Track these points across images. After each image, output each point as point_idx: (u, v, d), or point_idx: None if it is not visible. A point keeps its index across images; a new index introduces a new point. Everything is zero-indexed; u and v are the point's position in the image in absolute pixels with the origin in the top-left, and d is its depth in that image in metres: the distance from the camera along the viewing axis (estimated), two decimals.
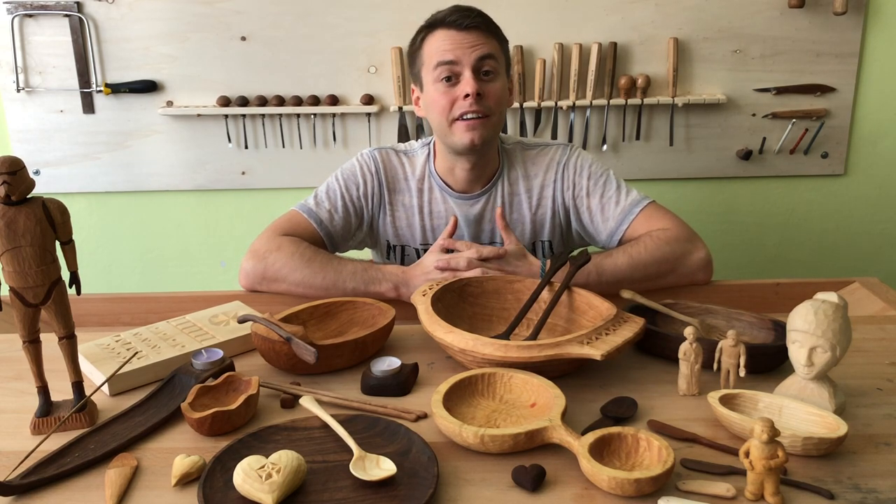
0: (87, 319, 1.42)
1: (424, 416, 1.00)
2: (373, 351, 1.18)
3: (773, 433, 0.81)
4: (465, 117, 1.41)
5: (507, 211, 1.55)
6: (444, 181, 1.54)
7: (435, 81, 1.42)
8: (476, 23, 1.41)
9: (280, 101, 2.20)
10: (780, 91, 2.19)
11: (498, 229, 1.54)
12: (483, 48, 1.40)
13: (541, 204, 1.55)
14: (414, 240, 1.58)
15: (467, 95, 1.39)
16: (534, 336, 1.14)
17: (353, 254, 1.60)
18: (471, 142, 1.42)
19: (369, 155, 1.57)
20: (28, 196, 0.92)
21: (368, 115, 2.22)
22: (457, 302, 1.26)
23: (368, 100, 2.20)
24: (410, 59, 1.50)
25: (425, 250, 1.57)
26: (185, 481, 0.86)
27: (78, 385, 1.00)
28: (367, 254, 1.70)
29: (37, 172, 2.28)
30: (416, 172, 1.56)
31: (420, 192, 1.56)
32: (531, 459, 0.89)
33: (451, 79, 1.41)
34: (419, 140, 1.62)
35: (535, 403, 0.99)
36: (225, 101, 2.20)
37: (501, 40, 1.46)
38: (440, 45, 1.41)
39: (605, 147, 2.24)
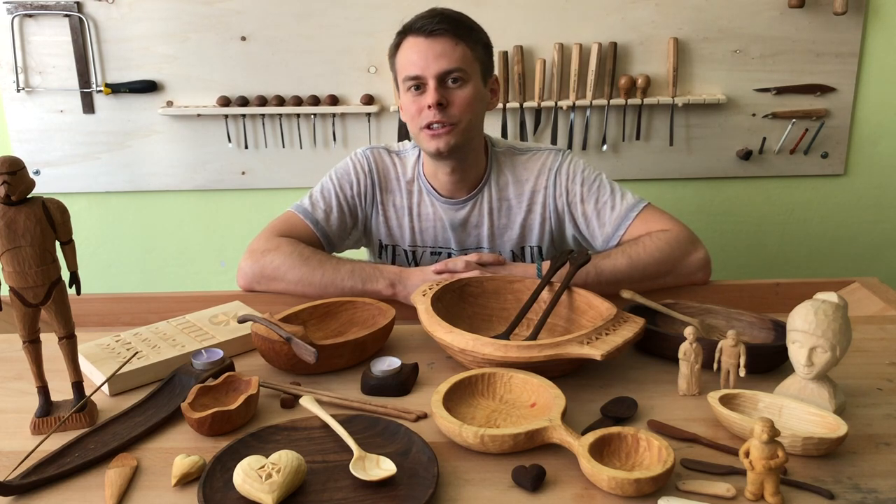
0: (87, 319, 1.42)
1: (424, 416, 1.00)
2: (373, 351, 1.18)
3: (773, 433, 0.81)
4: (431, 126, 1.41)
5: (495, 216, 1.55)
6: (430, 185, 1.55)
7: (405, 91, 1.43)
8: (441, 29, 1.38)
9: (280, 101, 2.20)
10: (780, 91, 2.19)
11: (484, 235, 1.55)
12: (448, 59, 1.38)
13: (531, 209, 1.55)
14: (404, 241, 1.58)
15: (430, 106, 1.39)
16: (534, 336, 1.14)
17: (350, 253, 1.60)
18: (436, 150, 1.42)
19: (363, 154, 1.58)
20: (28, 196, 0.92)
21: (368, 115, 2.22)
22: (457, 302, 1.26)
23: (368, 100, 2.20)
24: (390, 63, 1.50)
25: (414, 252, 1.58)
26: (185, 481, 0.86)
27: (78, 385, 1.00)
28: (363, 254, 1.70)
29: (37, 172, 2.28)
30: (406, 173, 1.57)
31: (409, 194, 1.56)
32: (531, 459, 0.89)
33: (420, 87, 1.41)
34: (412, 141, 1.62)
35: (535, 403, 0.99)
36: (225, 101, 2.20)
37: (475, 43, 1.43)
38: (409, 56, 1.41)
39: (605, 147, 2.24)
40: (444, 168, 1.49)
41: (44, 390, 1.00)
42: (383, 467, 0.86)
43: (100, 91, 2.20)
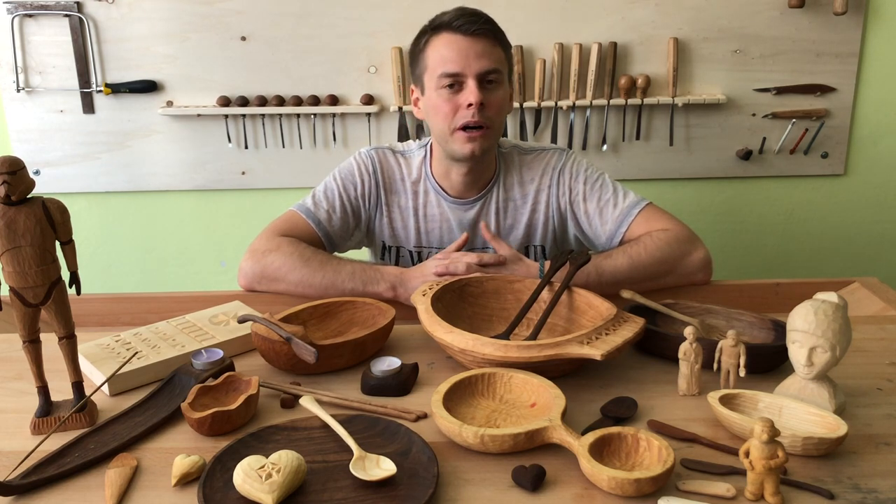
0: (87, 319, 1.42)
1: (424, 416, 1.00)
2: (373, 351, 1.18)
3: (773, 433, 0.81)
4: (466, 128, 1.40)
5: (501, 216, 1.55)
6: (439, 185, 1.54)
7: (438, 88, 1.41)
8: (483, 30, 1.39)
9: (280, 101, 2.20)
10: (780, 91, 2.19)
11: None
12: (488, 59, 1.38)
13: (535, 209, 1.55)
14: (409, 241, 1.58)
15: (470, 105, 1.38)
16: (534, 336, 1.14)
17: (351, 254, 1.60)
18: (471, 152, 1.42)
19: (367, 154, 1.57)
20: (28, 196, 0.92)
21: (368, 115, 2.22)
22: (457, 302, 1.26)
23: (368, 100, 2.20)
24: (412, 59, 1.49)
25: (419, 253, 1.58)
26: (185, 481, 0.86)
27: (78, 385, 1.00)
28: (364, 254, 1.70)
29: (37, 172, 2.28)
30: (412, 174, 1.56)
31: (415, 195, 1.56)
32: (531, 459, 0.89)
33: (455, 86, 1.40)
34: (417, 141, 1.62)
35: (535, 403, 0.99)
36: (225, 101, 2.20)
37: (506, 47, 1.44)
38: (445, 53, 1.39)
39: (605, 147, 2.24)
40: (461, 169, 1.49)
41: (44, 390, 1.00)
42: (383, 467, 0.86)
43: (100, 91, 2.20)
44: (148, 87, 2.20)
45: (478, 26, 1.38)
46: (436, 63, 1.41)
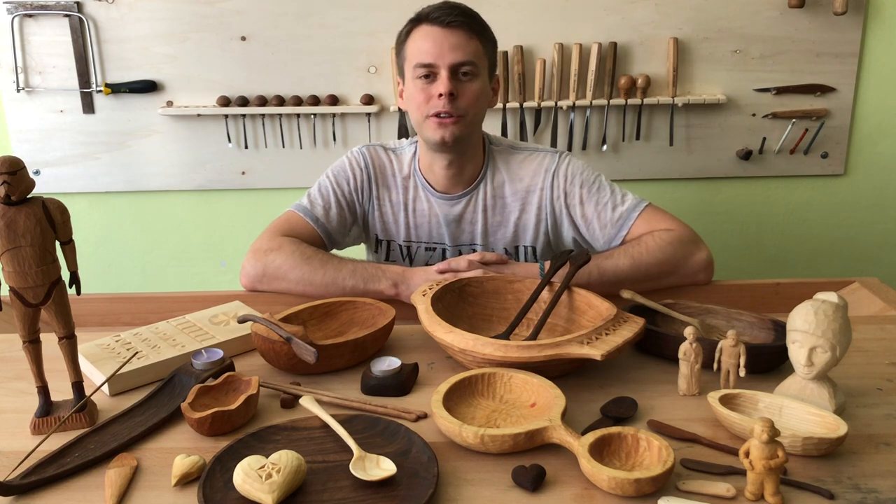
0: (87, 319, 1.42)
1: (424, 416, 1.00)
2: (373, 351, 1.18)
3: (773, 433, 0.81)
4: (439, 115, 1.42)
5: (489, 213, 1.55)
6: (426, 179, 1.55)
7: (414, 78, 1.44)
8: (459, 21, 1.41)
9: (280, 101, 2.20)
10: (780, 91, 2.19)
11: (478, 231, 1.55)
12: (463, 52, 1.40)
13: (525, 209, 1.55)
14: (399, 236, 1.59)
15: (441, 95, 1.40)
16: (534, 336, 1.14)
17: (351, 251, 1.61)
18: (441, 139, 1.43)
19: (358, 151, 1.59)
20: (28, 196, 0.92)
21: (368, 115, 2.22)
22: (457, 302, 1.26)
23: (368, 100, 2.20)
24: (397, 51, 1.51)
25: (408, 247, 1.58)
26: (185, 481, 0.86)
27: (78, 385, 1.00)
28: (362, 248, 1.71)
29: (37, 172, 2.28)
30: (403, 169, 1.58)
31: (406, 190, 1.57)
32: (531, 459, 0.89)
33: (430, 76, 1.42)
34: (409, 138, 1.64)
35: (535, 403, 0.99)
36: (225, 101, 2.20)
37: (486, 40, 1.45)
38: (421, 45, 1.42)
39: (605, 147, 2.24)
40: (442, 161, 1.50)
41: (44, 390, 1.00)
42: (383, 467, 0.86)
43: (100, 91, 2.20)
44: (148, 87, 2.20)
45: (453, 17, 1.40)
46: (413, 54, 1.44)
